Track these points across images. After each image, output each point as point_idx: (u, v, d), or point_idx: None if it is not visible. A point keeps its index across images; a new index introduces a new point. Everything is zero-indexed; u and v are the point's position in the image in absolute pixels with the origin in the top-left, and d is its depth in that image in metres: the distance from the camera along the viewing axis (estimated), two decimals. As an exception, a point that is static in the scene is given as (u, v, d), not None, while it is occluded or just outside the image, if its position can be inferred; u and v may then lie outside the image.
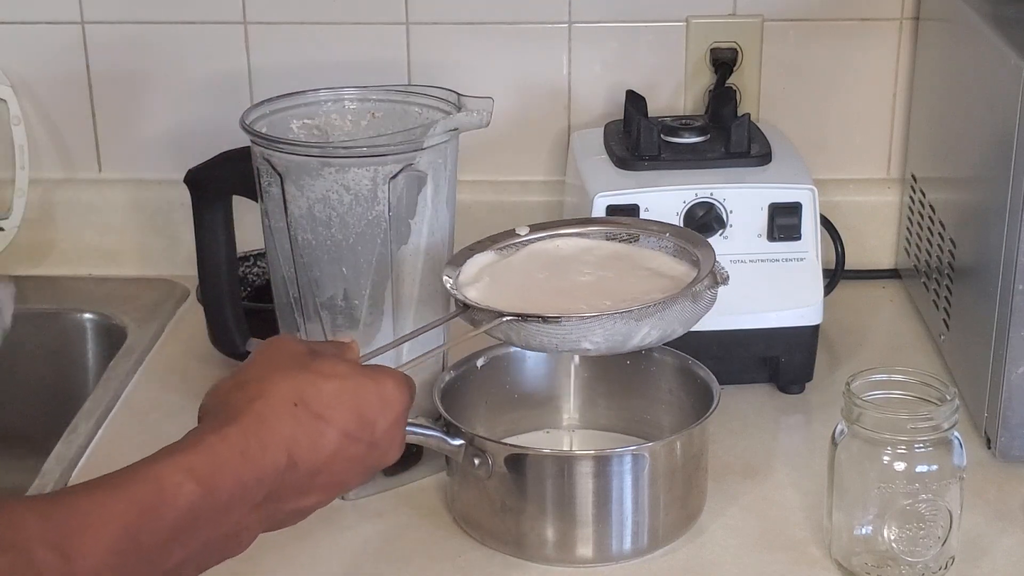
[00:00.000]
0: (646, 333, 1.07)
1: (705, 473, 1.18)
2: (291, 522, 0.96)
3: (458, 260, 1.15)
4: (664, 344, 1.23)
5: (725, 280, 1.11)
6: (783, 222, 1.33)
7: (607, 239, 1.19)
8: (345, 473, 0.95)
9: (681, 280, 1.12)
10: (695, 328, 1.26)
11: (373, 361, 1.03)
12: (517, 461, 1.12)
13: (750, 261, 1.34)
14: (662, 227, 1.18)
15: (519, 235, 1.19)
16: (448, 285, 1.11)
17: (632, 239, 1.18)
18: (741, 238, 1.34)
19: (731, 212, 1.33)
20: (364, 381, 0.96)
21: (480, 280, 1.13)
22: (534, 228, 1.20)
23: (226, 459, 0.88)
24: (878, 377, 1.10)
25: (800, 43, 1.57)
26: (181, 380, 1.41)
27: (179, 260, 1.59)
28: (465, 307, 1.09)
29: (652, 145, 1.38)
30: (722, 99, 1.48)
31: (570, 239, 1.19)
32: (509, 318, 1.06)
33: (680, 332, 1.10)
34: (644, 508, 1.12)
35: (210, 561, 0.90)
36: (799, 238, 1.34)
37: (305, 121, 1.26)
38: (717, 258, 1.12)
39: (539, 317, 1.05)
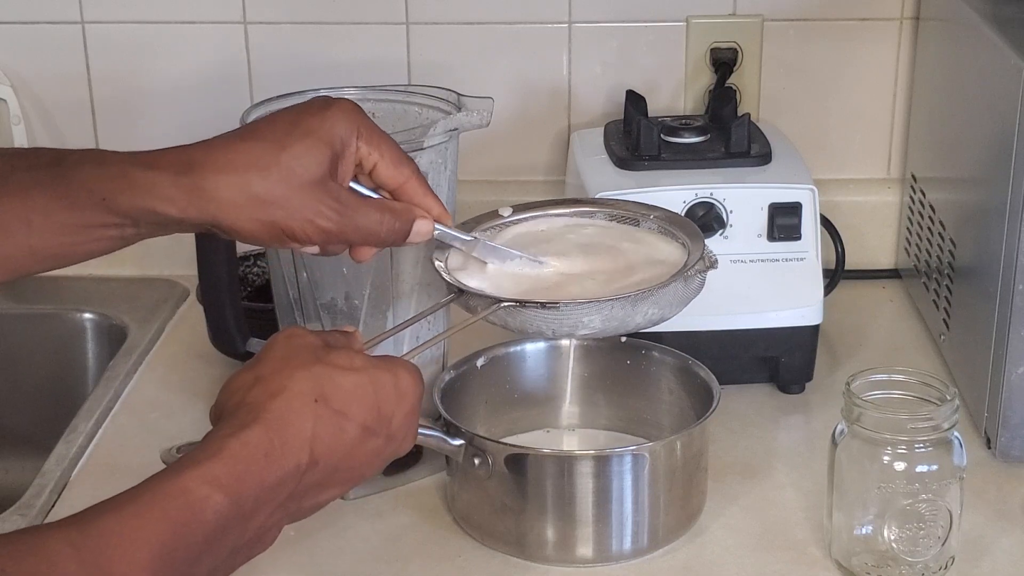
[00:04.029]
0: (642, 316, 1.07)
1: (705, 473, 1.18)
2: (308, 515, 0.95)
3: (444, 244, 1.14)
4: (664, 343, 1.24)
5: (714, 264, 1.11)
6: (783, 222, 1.33)
7: (591, 219, 1.19)
8: (363, 467, 0.95)
9: (668, 261, 1.12)
10: (695, 328, 1.27)
11: (376, 350, 1.03)
12: (517, 461, 1.12)
13: (750, 261, 1.34)
14: (649, 209, 1.18)
15: (502, 216, 1.18)
16: (440, 269, 1.10)
17: (618, 219, 1.18)
18: (741, 238, 1.34)
19: (731, 212, 1.33)
20: (380, 374, 0.95)
21: (468, 266, 1.13)
22: (517, 209, 1.19)
23: (249, 464, 0.88)
24: (878, 377, 1.10)
25: (800, 43, 1.57)
26: (181, 380, 1.41)
27: (179, 260, 1.59)
28: (460, 292, 1.08)
29: (652, 145, 1.38)
30: (722, 99, 1.48)
31: (554, 219, 1.19)
32: (507, 304, 1.06)
33: (673, 315, 1.10)
34: (644, 508, 1.12)
35: (238, 563, 0.90)
36: (799, 238, 1.34)
37: (305, 121, 1.26)
38: (707, 245, 1.12)
39: (537, 303, 1.05)
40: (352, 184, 1.04)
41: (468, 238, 1.11)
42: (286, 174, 0.98)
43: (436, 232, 1.07)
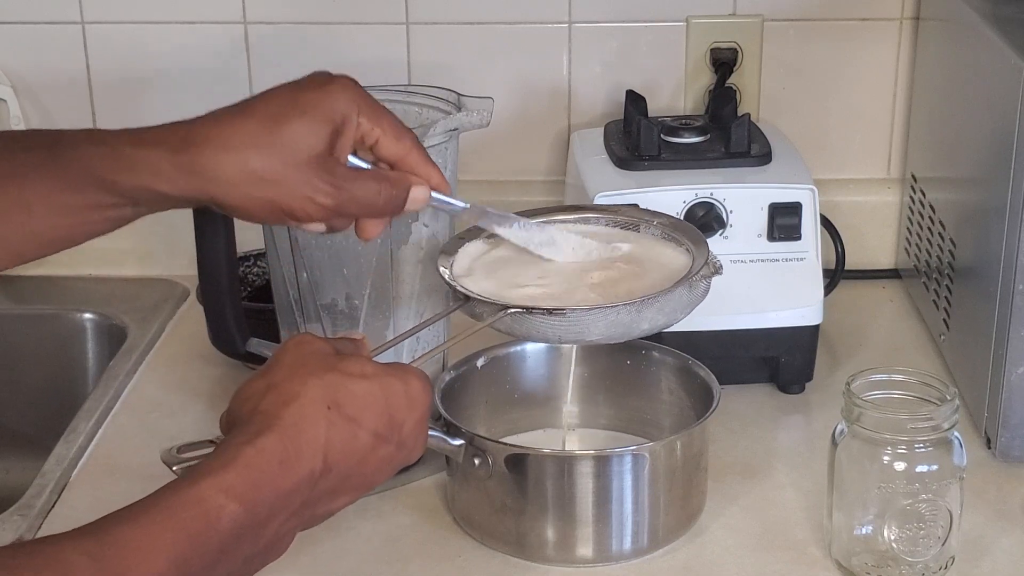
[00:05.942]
0: (648, 323, 1.07)
1: (705, 473, 1.18)
2: (320, 522, 0.95)
3: (450, 249, 1.14)
4: (664, 343, 1.24)
5: (719, 270, 1.11)
6: (783, 222, 1.33)
7: (593, 225, 1.18)
8: (374, 474, 0.95)
9: (670, 264, 1.12)
10: (695, 328, 1.26)
11: (380, 358, 1.02)
12: (517, 461, 1.12)
13: (750, 261, 1.34)
14: (652, 215, 1.18)
15: None
16: (446, 276, 1.10)
17: (621, 226, 1.18)
18: (741, 238, 1.34)
19: (731, 212, 1.33)
20: (392, 381, 0.95)
21: (473, 272, 1.12)
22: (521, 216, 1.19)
23: (264, 471, 0.87)
24: (878, 377, 1.10)
25: (800, 43, 1.57)
26: (181, 380, 1.41)
27: (179, 260, 1.59)
28: (466, 299, 1.09)
29: (652, 145, 1.38)
30: (722, 99, 1.48)
31: (560, 227, 1.19)
32: (514, 311, 1.06)
33: (678, 321, 1.10)
34: (644, 508, 1.12)
35: (252, 571, 0.90)
36: (799, 238, 1.34)
37: (305, 121, 1.26)
38: (711, 250, 1.12)
39: (544, 309, 1.05)
40: (350, 157, 1.02)
41: (465, 205, 1.09)
42: (284, 151, 0.97)
43: (433, 199, 1.05)
